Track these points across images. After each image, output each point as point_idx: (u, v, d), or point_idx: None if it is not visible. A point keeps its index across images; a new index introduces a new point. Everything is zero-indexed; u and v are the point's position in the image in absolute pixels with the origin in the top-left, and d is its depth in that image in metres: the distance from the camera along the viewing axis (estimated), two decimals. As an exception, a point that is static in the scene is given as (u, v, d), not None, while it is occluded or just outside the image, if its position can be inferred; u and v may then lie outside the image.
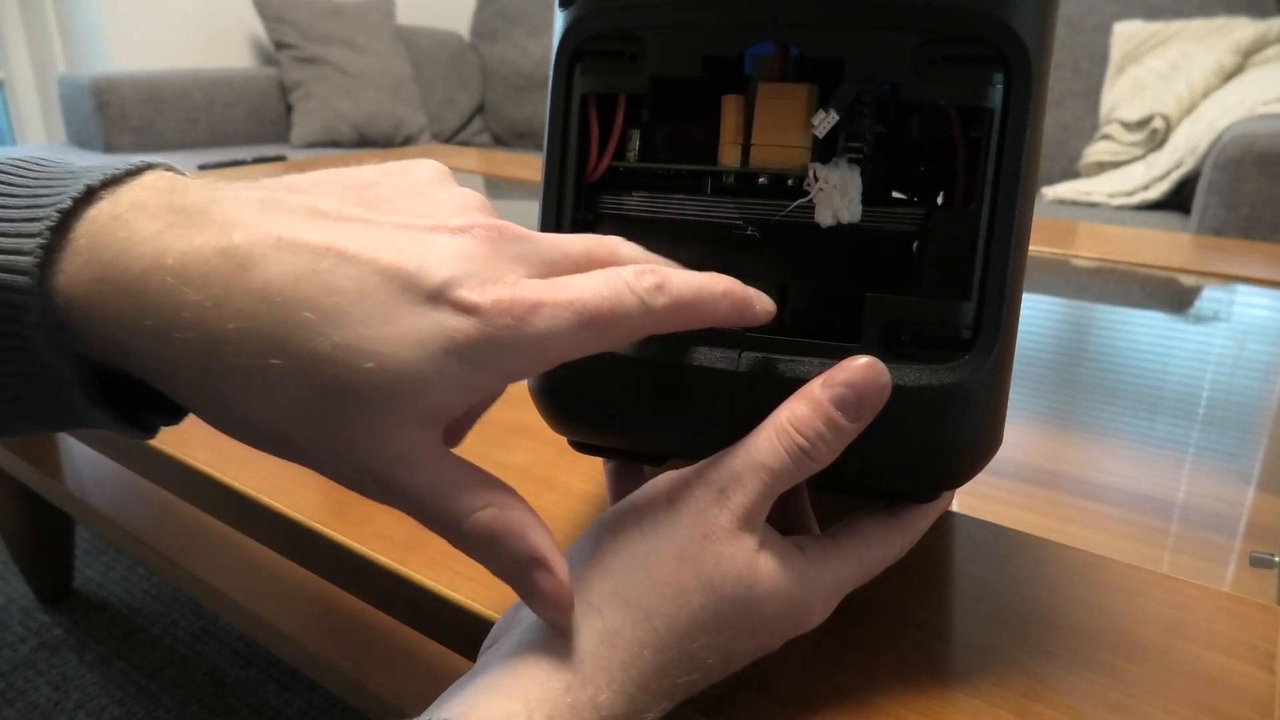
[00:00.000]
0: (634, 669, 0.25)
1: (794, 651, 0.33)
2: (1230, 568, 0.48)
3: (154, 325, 0.21)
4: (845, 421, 0.27)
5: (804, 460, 0.27)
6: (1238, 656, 0.33)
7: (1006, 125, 0.27)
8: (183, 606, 1.05)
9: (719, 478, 0.27)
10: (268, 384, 0.22)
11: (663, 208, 0.32)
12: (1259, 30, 1.78)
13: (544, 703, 0.24)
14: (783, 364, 0.29)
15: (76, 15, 2.39)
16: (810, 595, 0.29)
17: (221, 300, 0.21)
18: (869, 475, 0.29)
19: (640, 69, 0.31)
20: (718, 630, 0.27)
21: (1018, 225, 0.27)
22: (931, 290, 0.29)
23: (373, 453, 0.23)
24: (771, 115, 0.30)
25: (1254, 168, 1.43)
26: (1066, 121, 2.02)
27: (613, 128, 0.32)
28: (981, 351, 0.28)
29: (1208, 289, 1.05)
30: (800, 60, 0.30)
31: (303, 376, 0.22)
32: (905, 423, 0.28)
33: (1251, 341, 0.88)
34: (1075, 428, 0.68)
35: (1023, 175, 0.27)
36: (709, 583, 0.27)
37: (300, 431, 0.23)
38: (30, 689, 0.93)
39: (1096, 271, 1.11)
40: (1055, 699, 0.30)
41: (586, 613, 0.26)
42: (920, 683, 0.31)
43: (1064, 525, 0.51)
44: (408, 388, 0.22)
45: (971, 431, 0.28)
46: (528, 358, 0.24)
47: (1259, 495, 0.56)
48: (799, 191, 0.29)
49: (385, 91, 2.49)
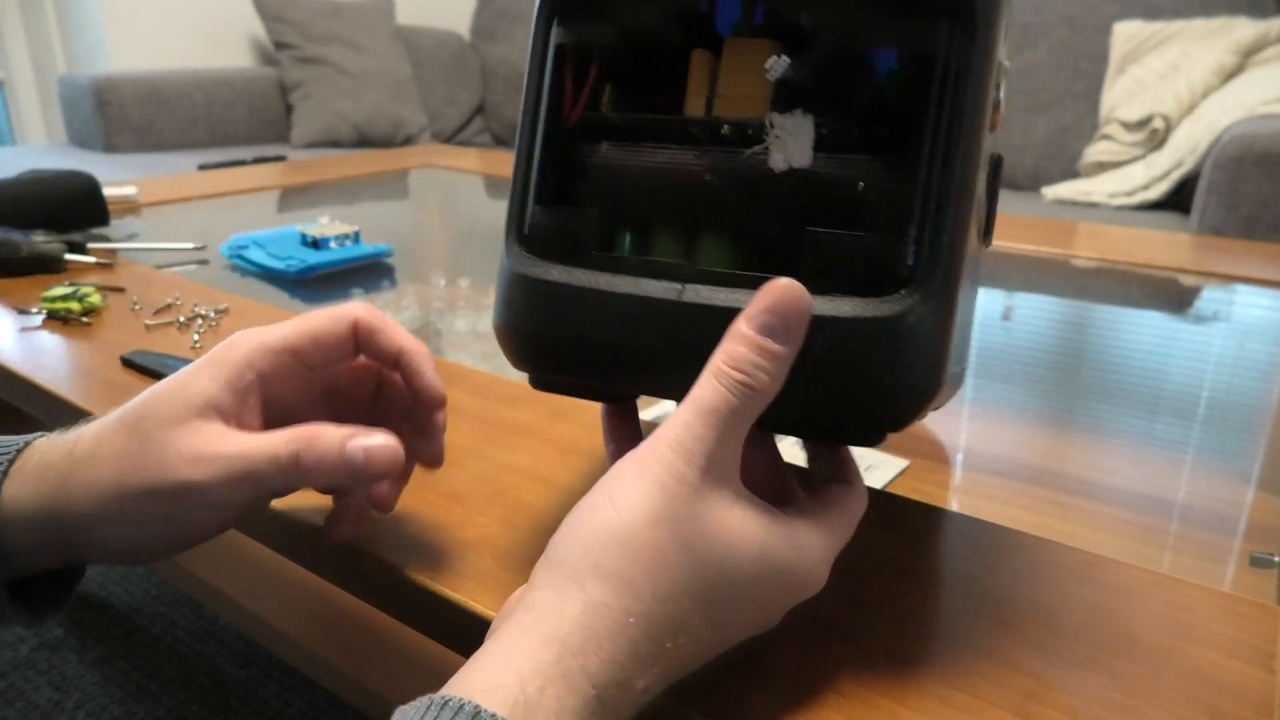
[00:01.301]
0: (621, 637, 0.26)
1: (794, 651, 0.33)
2: (1230, 568, 0.48)
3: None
4: (776, 346, 0.28)
5: (748, 394, 0.28)
6: (1238, 656, 0.33)
7: (949, 72, 0.28)
8: (183, 606, 1.05)
9: (675, 435, 0.28)
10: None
11: (631, 156, 0.34)
12: (1259, 30, 1.78)
13: (535, 674, 0.24)
14: (721, 294, 0.30)
15: (76, 15, 2.39)
16: (797, 560, 0.29)
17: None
18: (812, 413, 0.30)
19: (611, 22, 0.33)
20: (701, 592, 0.27)
21: (959, 170, 0.28)
22: (873, 230, 0.29)
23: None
24: (736, 68, 0.31)
25: (1254, 168, 1.43)
26: (1066, 121, 2.02)
27: (586, 79, 0.34)
28: (915, 287, 0.28)
29: (1208, 289, 1.05)
30: (769, 18, 0.31)
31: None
32: (837, 354, 0.29)
33: (1251, 341, 0.88)
34: (1075, 428, 0.68)
35: (966, 121, 0.28)
36: (686, 543, 0.27)
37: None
38: (30, 689, 0.93)
39: (1096, 271, 1.11)
40: (1055, 699, 0.30)
41: (571, 589, 0.26)
42: (920, 682, 0.31)
43: (1064, 525, 0.51)
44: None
45: (906, 367, 0.29)
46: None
47: (1259, 495, 0.56)
48: (759, 140, 0.31)
49: (385, 91, 2.49)
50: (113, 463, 0.32)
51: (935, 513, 0.43)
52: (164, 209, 1.24)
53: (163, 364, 0.59)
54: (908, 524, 0.42)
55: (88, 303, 0.70)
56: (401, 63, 2.58)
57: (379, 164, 1.72)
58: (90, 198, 0.99)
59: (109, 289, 0.77)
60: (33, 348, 0.64)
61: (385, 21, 2.59)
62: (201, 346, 0.64)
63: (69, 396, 0.55)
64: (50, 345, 0.64)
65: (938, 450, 0.59)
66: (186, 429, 0.32)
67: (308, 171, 1.63)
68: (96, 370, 0.59)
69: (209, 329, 0.67)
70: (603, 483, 0.29)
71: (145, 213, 1.21)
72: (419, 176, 1.67)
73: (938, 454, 0.59)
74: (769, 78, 0.30)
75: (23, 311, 0.70)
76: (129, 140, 2.17)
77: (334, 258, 0.98)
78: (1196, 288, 1.06)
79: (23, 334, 0.66)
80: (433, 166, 1.72)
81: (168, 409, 0.32)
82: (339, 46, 2.44)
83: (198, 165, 1.83)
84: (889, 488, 0.52)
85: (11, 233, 0.82)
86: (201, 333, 0.66)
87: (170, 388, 0.33)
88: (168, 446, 0.31)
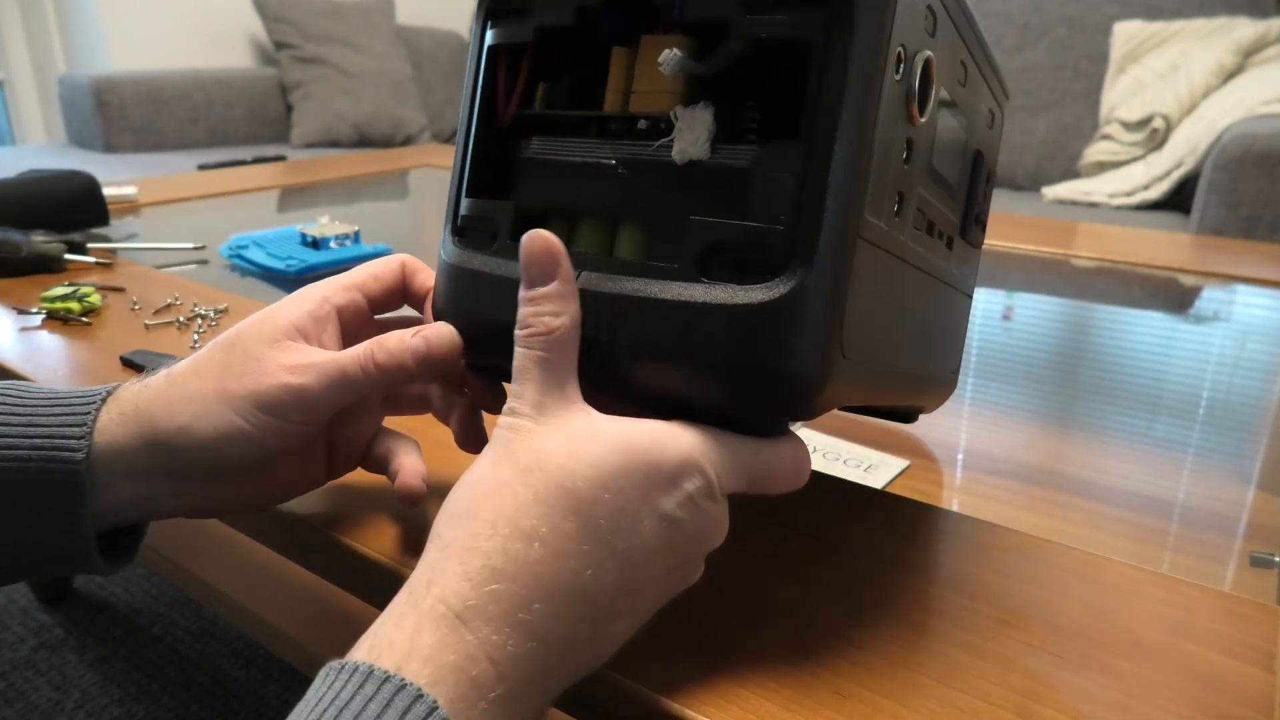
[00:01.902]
0: (472, 557, 0.27)
1: (794, 651, 0.33)
2: (1230, 568, 0.48)
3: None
4: (539, 290, 0.30)
5: (542, 340, 0.30)
6: (1238, 656, 0.33)
7: (828, 60, 0.29)
8: (183, 606, 1.05)
9: (506, 404, 0.30)
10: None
11: (555, 150, 0.36)
12: (1259, 30, 1.78)
13: (403, 615, 0.26)
14: (613, 281, 0.32)
15: (76, 15, 2.39)
16: (654, 443, 0.29)
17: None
18: (707, 401, 0.31)
19: (528, 21, 0.35)
20: (554, 497, 0.27)
21: (841, 157, 0.28)
22: (756, 219, 0.30)
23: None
24: (651, 64, 0.32)
25: (1254, 168, 1.43)
26: (1066, 121, 2.02)
27: (519, 78, 0.36)
28: (789, 276, 0.29)
29: (1208, 289, 1.05)
30: (684, 15, 0.32)
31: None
32: (720, 341, 0.29)
33: (1251, 341, 0.88)
34: (1075, 428, 0.68)
35: (847, 106, 0.28)
36: (525, 465, 0.28)
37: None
38: (30, 689, 0.93)
39: (1096, 271, 1.11)
40: (1055, 699, 0.30)
41: (430, 542, 0.28)
42: (920, 683, 0.31)
43: (1064, 525, 0.51)
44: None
45: (789, 353, 0.29)
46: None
47: (1259, 495, 0.56)
48: (668, 134, 0.32)
49: (385, 91, 2.49)
50: (214, 374, 0.35)
51: (935, 513, 0.43)
52: (164, 209, 1.24)
53: (163, 364, 0.59)
54: (908, 524, 0.42)
55: (87, 303, 0.70)
56: (401, 63, 2.58)
57: (379, 164, 1.72)
58: (90, 198, 0.99)
59: (109, 289, 0.77)
60: (32, 348, 0.64)
61: (385, 21, 2.59)
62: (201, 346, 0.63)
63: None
64: (50, 345, 0.64)
65: (937, 450, 0.59)
66: (281, 345, 0.36)
67: (307, 171, 1.63)
68: (96, 370, 0.59)
69: (209, 329, 0.67)
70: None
71: (145, 213, 1.21)
72: (419, 176, 1.67)
73: (937, 454, 0.59)
74: (662, 71, 0.31)
75: (23, 311, 0.70)
76: (129, 140, 2.17)
77: (334, 258, 0.98)
78: (1196, 288, 1.06)
79: (22, 334, 0.66)
80: (432, 166, 1.72)
81: (261, 331, 0.36)
82: (339, 46, 2.44)
83: (197, 165, 1.83)
84: (889, 488, 0.52)
85: (11, 233, 0.82)
86: (201, 333, 0.66)
87: (260, 317, 0.37)
88: (265, 358, 0.35)
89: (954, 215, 0.41)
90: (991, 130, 0.44)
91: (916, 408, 0.48)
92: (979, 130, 0.42)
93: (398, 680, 0.24)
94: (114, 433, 0.35)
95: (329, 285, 0.39)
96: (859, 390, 0.33)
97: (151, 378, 0.37)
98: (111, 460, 0.35)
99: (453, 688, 0.25)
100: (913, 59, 0.30)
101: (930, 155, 0.35)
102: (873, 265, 0.31)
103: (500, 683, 0.26)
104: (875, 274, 0.31)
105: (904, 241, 0.33)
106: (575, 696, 0.30)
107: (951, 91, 0.36)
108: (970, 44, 0.37)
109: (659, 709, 0.30)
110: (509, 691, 0.26)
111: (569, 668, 0.28)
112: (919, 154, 0.33)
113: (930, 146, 0.34)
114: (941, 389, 0.46)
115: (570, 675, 0.28)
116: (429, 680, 0.24)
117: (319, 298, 0.38)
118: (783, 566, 0.38)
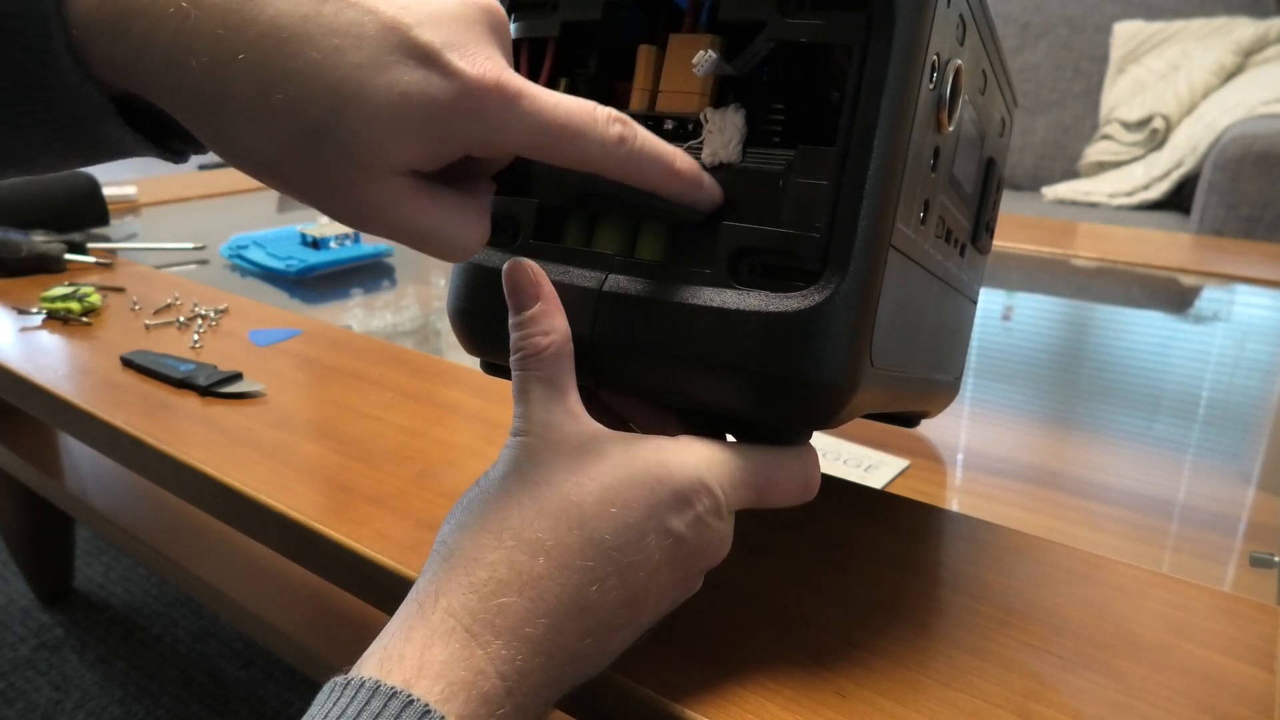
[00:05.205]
0: (478, 568, 0.27)
1: (793, 652, 0.33)
2: (1230, 568, 0.48)
3: (167, 49, 0.23)
4: (525, 314, 0.30)
5: (533, 360, 0.30)
6: (1238, 656, 0.33)
7: (866, 65, 0.28)
8: (183, 606, 1.05)
9: (513, 425, 0.30)
10: (266, 117, 0.24)
11: None
12: (1259, 30, 1.78)
13: (412, 627, 0.26)
14: (639, 284, 0.31)
15: (76, 15, 2.39)
16: (661, 465, 0.28)
17: (233, 29, 0.23)
18: (731, 407, 0.30)
19: (554, 16, 0.34)
20: (559, 510, 0.27)
21: (877, 165, 0.28)
22: (790, 224, 0.30)
23: (351, 199, 0.26)
24: (679, 63, 0.32)
25: (1254, 168, 1.43)
26: (1066, 121, 2.02)
27: (541, 71, 0.35)
28: (825, 284, 0.28)
29: (1208, 289, 1.05)
30: (713, 15, 0.32)
31: (295, 114, 0.24)
32: (748, 348, 0.29)
33: (1251, 341, 0.88)
34: (1075, 428, 0.68)
35: (884, 114, 0.28)
36: (533, 479, 0.28)
37: (290, 167, 0.25)
38: (30, 689, 0.93)
39: (1096, 271, 1.11)
40: (1055, 699, 0.30)
41: (434, 553, 0.28)
42: (920, 683, 0.31)
43: (1064, 525, 0.51)
44: (383, 143, 0.24)
45: (817, 362, 0.29)
46: (489, 140, 0.26)
47: (1259, 495, 0.56)
48: (697, 135, 0.32)
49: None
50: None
51: (935, 513, 0.43)
52: (164, 209, 1.25)
53: (163, 364, 0.59)
54: (908, 524, 0.42)
55: (88, 303, 0.70)
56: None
57: (379, 164, 1.71)
58: (90, 198, 0.99)
59: (109, 289, 0.77)
60: (33, 348, 0.64)
61: (385, 21, 2.59)
62: (201, 347, 0.64)
63: (69, 396, 0.55)
64: (50, 345, 0.64)
65: (938, 450, 0.59)
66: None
67: (308, 171, 1.63)
68: (96, 370, 0.59)
69: (209, 329, 0.67)
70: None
71: (145, 213, 1.21)
72: (419, 176, 1.67)
73: (938, 454, 0.59)
74: (696, 73, 0.31)
75: (23, 311, 0.70)
76: (129, 140, 2.17)
77: (334, 257, 0.98)
78: (1196, 288, 1.06)
79: (23, 334, 0.66)
80: (433, 166, 1.72)
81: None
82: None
83: (197, 165, 1.83)
84: (889, 488, 0.52)
85: (11, 233, 0.82)
86: (201, 333, 0.66)
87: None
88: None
89: (967, 222, 0.41)
90: (1002, 138, 0.44)
91: (921, 413, 0.48)
92: (992, 138, 0.42)
93: (404, 696, 0.24)
94: (99, 25, 0.23)
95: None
96: (880, 397, 0.33)
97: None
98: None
99: (463, 704, 0.25)
100: (945, 67, 0.30)
101: (952, 163, 0.35)
102: (901, 273, 0.30)
103: (509, 698, 0.26)
104: (902, 282, 0.31)
105: (926, 249, 0.33)
106: (575, 697, 0.30)
107: (972, 100, 0.36)
108: (991, 53, 0.37)
109: (659, 709, 0.30)
110: (517, 707, 0.26)
111: (571, 679, 0.28)
112: (944, 162, 0.33)
113: (953, 155, 0.34)
114: (947, 394, 0.46)
115: (571, 685, 0.28)
116: (440, 697, 0.24)
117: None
118: (783, 566, 0.38)
